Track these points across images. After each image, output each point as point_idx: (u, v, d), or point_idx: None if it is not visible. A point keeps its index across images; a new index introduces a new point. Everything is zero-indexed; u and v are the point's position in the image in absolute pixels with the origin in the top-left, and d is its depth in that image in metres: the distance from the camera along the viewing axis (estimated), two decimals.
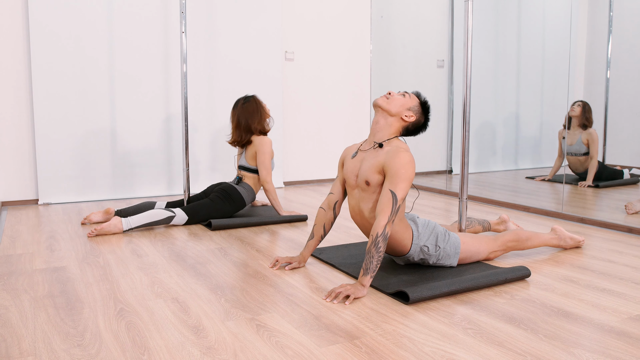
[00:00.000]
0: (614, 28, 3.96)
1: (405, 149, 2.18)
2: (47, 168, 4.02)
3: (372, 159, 2.23)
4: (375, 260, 2.06)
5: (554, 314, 1.89)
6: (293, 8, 4.89)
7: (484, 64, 5.05)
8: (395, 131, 2.30)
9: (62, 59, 4.01)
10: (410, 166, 2.13)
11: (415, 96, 2.36)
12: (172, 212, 3.25)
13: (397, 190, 2.10)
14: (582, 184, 4.34)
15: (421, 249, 2.31)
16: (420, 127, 2.37)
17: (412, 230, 2.30)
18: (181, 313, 1.92)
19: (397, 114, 2.28)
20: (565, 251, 2.74)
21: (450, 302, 2.02)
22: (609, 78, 4.01)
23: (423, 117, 2.36)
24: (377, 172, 2.21)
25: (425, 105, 2.36)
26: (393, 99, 2.29)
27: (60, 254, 2.71)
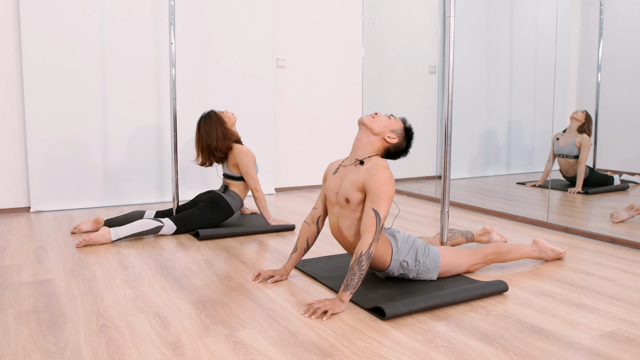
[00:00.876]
0: (604, 32, 3.99)
1: (385, 166, 2.22)
2: (39, 176, 4.05)
3: (353, 176, 2.26)
4: (357, 277, 2.10)
5: (527, 331, 1.93)
6: (284, 15, 4.93)
7: (477, 69, 5.08)
8: (376, 150, 2.33)
9: (54, 67, 4.04)
10: (390, 184, 2.16)
11: (400, 120, 2.39)
12: (160, 222, 3.29)
13: (380, 209, 2.13)
14: (571, 190, 4.38)
15: (401, 264, 2.35)
16: (401, 152, 2.40)
17: (392, 245, 2.33)
18: (161, 329, 1.96)
19: (380, 134, 2.31)
20: (546, 263, 2.77)
21: (426, 317, 2.05)
22: (600, 82, 4.03)
23: (405, 141, 2.39)
24: (357, 190, 2.23)
25: (410, 131, 2.40)
26: (378, 118, 2.33)
27: (48, 265, 2.74)
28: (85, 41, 4.13)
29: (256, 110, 4.79)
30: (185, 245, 3.13)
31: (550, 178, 4.48)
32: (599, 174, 4.25)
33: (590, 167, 4.27)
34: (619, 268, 2.69)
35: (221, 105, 4.65)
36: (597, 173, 4.26)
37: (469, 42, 5.12)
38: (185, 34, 4.46)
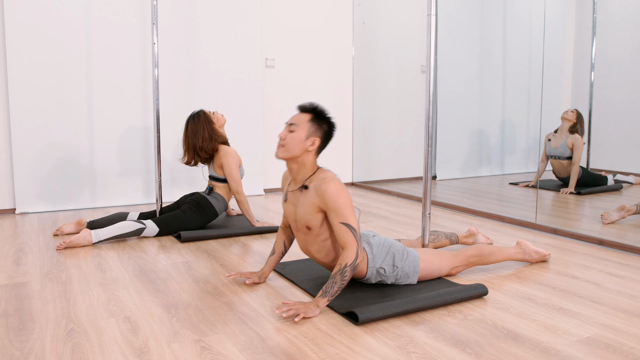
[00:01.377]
0: (597, 31, 3.95)
1: (330, 178, 2.11)
2: (24, 177, 4.02)
3: (305, 202, 2.16)
4: (337, 286, 2.06)
5: (503, 337, 1.89)
6: (274, 14, 4.89)
7: (469, 69, 5.04)
8: (310, 165, 2.19)
9: (38, 68, 4.01)
10: (343, 192, 2.09)
11: (302, 114, 2.20)
12: (142, 224, 3.25)
13: (348, 220, 2.08)
14: (564, 190, 4.33)
15: (377, 272, 2.29)
16: (329, 135, 2.23)
17: (367, 253, 2.28)
18: (129, 334, 1.92)
19: (302, 152, 2.16)
20: (531, 265, 2.73)
21: (401, 322, 2.01)
22: (593, 82, 3.99)
23: (324, 125, 2.20)
24: (315, 213, 2.15)
25: (315, 111, 2.20)
26: (287, 142, 2.15)
27: (25, 268, 2.71)
28: (72, 42, 4.09)
29: (245, 110, 4.75)
30: (167, 247, 3.09)
31: (541, 178, 4.44)
32: (593, 174, 4.20)
33: (584, 167, 4.22)
34: (605, 271, 2.64)
35: (209, 106, 4.62)
36: (590, 173, 4.21)
37: (461, 42, 5.07)
38: (173, 33, 4.42)
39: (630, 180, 4.07)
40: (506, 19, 4.86)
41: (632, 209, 3.71)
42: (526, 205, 4.12)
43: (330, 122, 2.23)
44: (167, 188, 4.51)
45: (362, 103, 5.40)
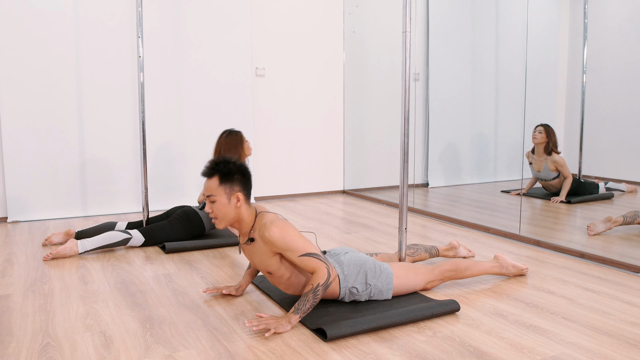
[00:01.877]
0: (589, 36, 3.96)
1: (270, 222, 2.12)
2: (16, 186, 4.08)
3: (257, 251, 2.18)
4: (309, 304, 2.09)
5: (468, 355, 1.91)
6: (264, 24, 4.93)
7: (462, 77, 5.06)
8: (248, 217, 2.18)
9: (28, 76, 4.06)
10: (286, 229, 2.09)
11: (211, 181, 2.14)
12: (129, 234, 3.29)
13: (306, 250, 2.10)
14: (554, 199, 4.35)
15: (350, 291, 2.32)
16: (248, 180, 2.19)
17: (338, 273, 2.30)
18: (102, 349, 1.96)
19: (234, 213, 2.15)
20: (508, 280, 2.75)
21: (370, 339, 2.04)
22: (585, 87, 3.99)
23: (239, 175, 2.16)
24: (270, 258, 2.16)
25: (219, 171, 2.13)
26: (216, 214, 2.14)
27: (10, 279, 2.75)
28: (61, 52, 4.14)
29: (235, 118, 4.79)
30: (151, 258, 3.13)
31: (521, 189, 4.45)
32: (584, 182, 4.20)
33: (575, 177, 4.23)
34: (582, 286, 2.66)
35: (198, 114, 4.66)
36: (581, 181, 4.22)
37: (453, 49, 5.10)
38: (162, 42, 4.47)
39: (622, 188, 4.07)
40: (498, 26, 4.88)
41: (619, 220, 3.72)
42: (513, 216, 4.13)
43: (240, 167, 2.17)
44: (159, 197, 4.55)
45: (353, 110, 5.44)
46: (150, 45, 4.42)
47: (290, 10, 5.03)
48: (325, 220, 4.18)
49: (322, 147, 5.33)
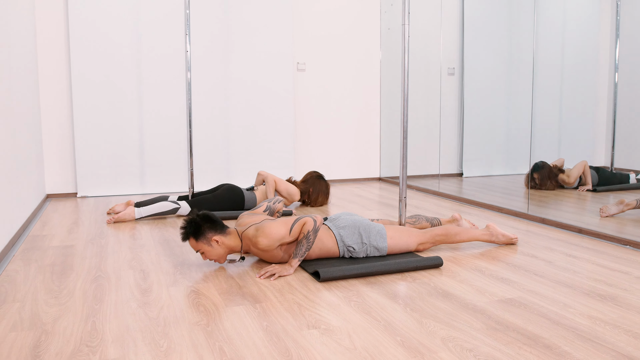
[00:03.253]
0: (621, 32, 4.12)
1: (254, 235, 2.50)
2: (85, 167, 4.72)
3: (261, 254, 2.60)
4: (304, 248, 2.50)
5: (436, 294, 2.26)
6: (304, 23, 5.37)
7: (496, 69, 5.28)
8: (234, 242, 2.58)
9: (96, 74, 4.69)
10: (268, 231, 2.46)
11: (191, 242, 2.52)
12: (177, 204, 3.82)
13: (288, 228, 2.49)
14: (582, 188, 4.53)
15: (348, 249, 2.70)
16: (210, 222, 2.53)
17: (334, 234, 2.69)
18: (140, 280, 2.45)
19: (223, 251, 2.55)
20: (500, 247, 3.04)
21: (358, 282, 2.43)
22: (617, 81, 4.16)
23: (201, 227, 2.50)
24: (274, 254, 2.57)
25: (190, 231, 2.50)
26: (212, 257, 2.55)
27: (75, 235, 3.32)
28: (123, 52, 4.75)
29: (278, 108, 5.26)
30: None
31: None
32: (613, 172, 4.35)
33: (600, 167, 4.39)
34: (566, 252, 2.92)
35: (243, 102, 5.16)
36: (612, 173, 4.38)
37: (489, 42, 5.34)
38: (211, 39, 5.00)
39: None
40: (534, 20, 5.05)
41: (632, 203, 3.88)
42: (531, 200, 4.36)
43: (202, 217, 2.53)
44: (207, 178, 5.09)
45: (389, 103, 5.77)
46: (200, 43, 4.97)
47: (329, 9, 5.45)
48: (357, 202, 4.56)
49: (359, 137, 5.71)
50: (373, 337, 1.83)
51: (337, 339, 1.81)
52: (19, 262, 2.75)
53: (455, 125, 5.72)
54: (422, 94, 5.81)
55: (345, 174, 5.73)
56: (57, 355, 1.70)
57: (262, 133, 5.20)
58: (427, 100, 5.80)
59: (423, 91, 5.81)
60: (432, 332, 1.88)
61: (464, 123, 5.65)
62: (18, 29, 3.61)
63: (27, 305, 2.15)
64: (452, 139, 5.70)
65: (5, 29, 3.18)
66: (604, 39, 4.29)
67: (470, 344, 1.78)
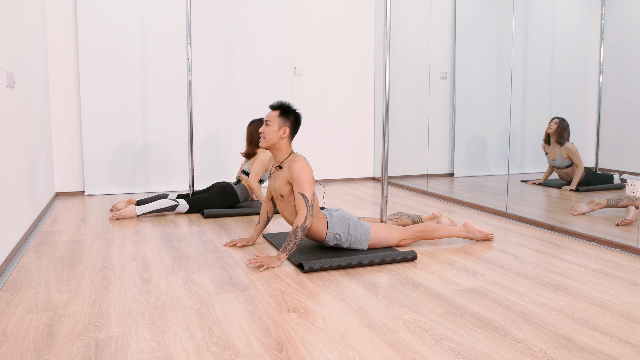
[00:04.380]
0: (605, 35, 4.34)
1: (299, 160, 2.81)
2: (92, 166, 4.99)
3: (280, 177, 2.89)
4: (292, 243, 2.76)
5: (406, 284, 2.52)
6: (301, 29, 5.62)
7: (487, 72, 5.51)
8: (285, 150, 2.89)
9: (103, 78, 4.97)
10: (306, 170, 2.78)
11: (273, 112, 2.88)
12: (176, 201, 4.08)
13: (305, 191, 2.77)
14: (565, 188, 4.76)
15: (334, 236, 2.96)
16: (296, 124, 2.90)
17: (327, 221, 2.95)
18: (142, 270, 2.72)
19: (277, 139, 2.88)
20: (476, 243, 3.29)
21: (338, 273, 2.68)
22: (602, 83, 4.37)
23: (290, 116, 2.88)
24: (285, 185, 2.86)
25: (282, 107, 2.87)
26: (266, 134, 2.86)
27: (83, 231, 3.60)
28: (130, 57, 5.03)
29: None
30: (193, 221, 3.90)
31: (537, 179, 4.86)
32: (597, 174, 4.58)
33: (587, 167, 4.61)
34: (533, 248, 3.17)
35: (242, 109, 5.42)
36: (595, 173, 4.60)
37: (479, 45, 5.57)
38: (211, 45, 5.27)
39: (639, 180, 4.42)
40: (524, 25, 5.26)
41: (602, 202, 4.12)
42: (517, 199, 4.59)
43: (296, 113, 2.93)
44: (206, 177, 5.36)
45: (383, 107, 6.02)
46: (203, 48, 5.24)
47: (325, 16, 5.70)
48: (350, 200, 4.82)
49: (354, 138, 5.96)
50: (344, 320, 2.09)
51: (312, 321, 2.07)
52: (32, 255, 3.02)
53: (447, 127, 5.96)
54: (415, 96, 6.05)
55: (340, 173, 5.98)
56: (68, 333, 1.97)
57: None
58: (419, 103, 6.04)
59: (416, 94, 6.05)
60: (396, 316, 2.13)
61: (455, 125, 5.89)
62: (31, 38, 3.89)
63: (41, 291, 2.42)
64: (444, 141, 5.95)
65: (20, 40, 3.45)
66: (591, 43, 4.51)
67: (428, 326, 2.04)
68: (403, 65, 5.98)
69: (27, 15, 3.78)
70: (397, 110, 6.04)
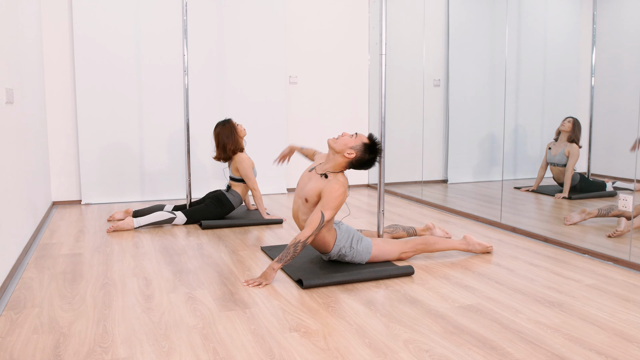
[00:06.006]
0: (597, 38, 4.39)
1: (341, 182, 2.85)
2: (88, 176, 5.01)
3: (316, 183, 2.92)
4: (290, 255, 2.80)
5: (404, 301, 2.57)
6: (295, 38, 5.66)
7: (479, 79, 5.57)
8: (340, 164, 2.91)
9: (99, 88, 4.98)
10: (340, 197, 2.81)
11: (364, 137, 2.94)
12: (174, 214, 4.11)
13: (326, 212, 2.81)
14: (558, 195, 4.83)
15: (340, 249, 3.01)
16: (364, 163, 2.95)
17: (337, 234, 3.00)
18: (144, 287, 2.75)
19: (341, 152, 2.92)
20: (475, 256, 3.35)
21: (338, 289, 2.73)
22: (594, 87, 4.41)
23: (367, 155, 2.92)
24: (315, 195, 2.90)
25: (373, 146, 2.94)
26: (341, 138, 2.94)
27: (82, 243, 3.62)
28: (125, 66, 5.05)
29: (271, 118, 5.56)
30: (191, 233, 3.93)
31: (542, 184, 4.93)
32: (590, 180, 4.63)
33: (581, 174, 4.67)
34: (528, 261, 3.23)
35: (239, 113, 5.45)
36: (588, 179, 4.66)
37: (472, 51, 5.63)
38: (206, 55, 5.29)
39: (631, 187, 4.49)
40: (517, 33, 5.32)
41: (594, 212, 4.19)
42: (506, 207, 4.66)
43: (374, 159, 2.94)
44: (200, 185, 5.39)
45: (377, 113, 6.06)
46: (197, 58, 5.26)
47: (320, 23, 5.74)
48: (344, 210, 4.86)
49: None
50: (345, 339, 2.14)
51: (314, 341, 2.12)
52: (33, 270, 3.04)
53: (440, 133, 6.02)
54: (409, 104, 6.11)
55: None
56: (75, 355, 2.00)
57: (256, 142, 5.50)
58: (413, 110, 6.10)
59: (409, 101, 6.10)
60: (396, 335, 2.18)
61: (449, 132, 5.95)
62: (28, 50, 3.90)
63: (44, 310, 2.44)
64: (437, 147, 6.01)
65: (18, 55, 3.47)
66: (583, 48, 4.56)
67: (428, 346, 2.09)
68: (397, 73, 6.03)
69: (24, 29, 3.79)
70: (391, 117, 6.09)
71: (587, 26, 4.49)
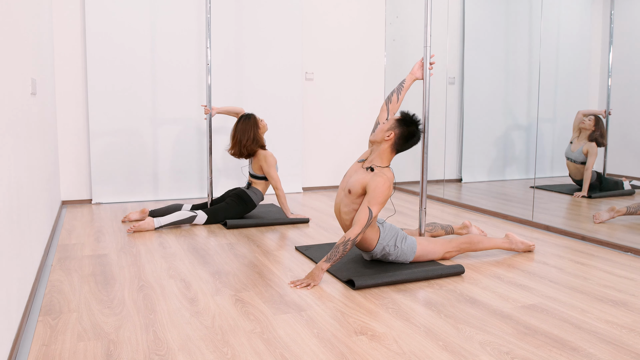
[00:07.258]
0: (614, 38, 4.32)
1: (388, 177, 2.74)
2: (100, 174, 4.82)
3: (361, 175, 2.81)
4: (339, 254, 2.67)
5: (464, 301, 2.45)
6: (313, 35, 5.53)
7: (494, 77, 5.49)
8: (385, 151, 2.83)
9: (112, 85, 4.80)
10: (386, 190, 2.70)
11: (395, 116, 2.89)
12: (194, 213, 3.95)
13: (373, 208, 2.69)
14: (577, 194, 4.76)
15: (383, 248, 2.88)
16: (408, 137, 2.85)
17: (380, 232, 2.87)
18: (184, 289, 2.60)
19: (381, 139, 2.84)
20: (518, 254, 3.24)
21: (389, 290, 2.60)
22: (610, 87, 4.35)
23: (406, 128, 2.84)
24: (360, 187, 2.78)
25: (405, 119, 2.85)
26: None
27: (104, 244, 3.45)
28: (140, 62, 4.87)
29: (288, 113, 5.42)
30: (215, 232, 3.78)
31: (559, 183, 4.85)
32: (610, 179, 4.57)
33: (599, 172, 4.61)
34: (574, 260, 3.13)
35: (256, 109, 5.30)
36: (605, 178, 4.60)
37: (487, 50, 5.54)
38: (226, 52, 5.14)
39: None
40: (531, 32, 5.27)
41: (622, 210, 4.13)
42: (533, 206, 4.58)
43: (412, 129, 2.83)
44: (217, 183, 5.23)
45: None
46: (216, 54, 5.10)
47: (337, 19, 5.62)
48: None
49: (366, 143, 5.89)
50: (417, 342, 2.01)
51: (386, 344, 1.99)
52: (59, 272, 2.87)
53: (455, 132, 5.93)
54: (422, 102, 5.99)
55: None
56: None
57: (273, 138, 5.36)
58: (431, 108, 5.99)
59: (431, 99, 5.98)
60: (469, 337, 2.06)
61: (463, 130, 5.86)
62: (45, 45, 3.72)
63: (83, 315, 2.28)
64: (452, 146, 5.91)
65: (39, 47, 3.29)
66: (599, 47, 4.51)
67: (506, 348, 1.97)
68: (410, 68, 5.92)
69: (40, 21, 3.61)
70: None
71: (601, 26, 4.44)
